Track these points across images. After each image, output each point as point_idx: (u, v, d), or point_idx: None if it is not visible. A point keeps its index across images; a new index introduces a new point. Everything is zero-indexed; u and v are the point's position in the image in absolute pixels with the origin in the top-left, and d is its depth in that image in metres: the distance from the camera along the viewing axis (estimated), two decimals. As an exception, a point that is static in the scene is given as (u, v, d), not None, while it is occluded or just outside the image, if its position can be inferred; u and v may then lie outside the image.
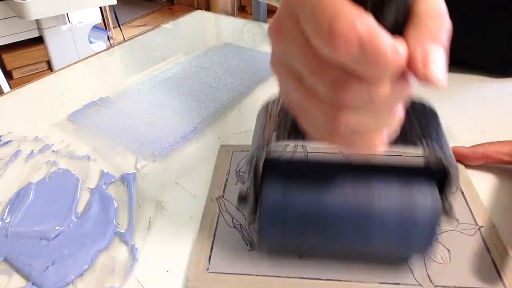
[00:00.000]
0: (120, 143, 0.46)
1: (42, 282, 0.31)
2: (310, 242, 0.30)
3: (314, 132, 0.23)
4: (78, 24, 1.81)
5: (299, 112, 0.24)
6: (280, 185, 0.28)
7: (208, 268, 0.31)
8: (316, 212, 0.28)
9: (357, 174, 0.28)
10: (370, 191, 0.28)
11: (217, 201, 0.37)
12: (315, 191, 0.28)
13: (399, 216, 0.27)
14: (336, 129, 0.21)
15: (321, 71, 0.20)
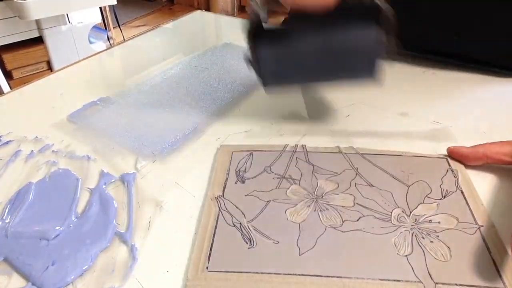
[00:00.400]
0: (120, 143, 0.46)
1: (42, 282, 0.31)
2: (294, 76, 0.44)
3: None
4: (78, 24, 1.81)
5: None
6: (268, 47, 0.42)
7: (207, 267, 0.31)
8: (294, 57, 0.42)
9: (319, 28, 0.40)
10: (328, 37, 0.40)
11: (216, 200, 0.37)
12: (292, 45, 0.41)
13: (346, 48, 0.40)
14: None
15: None
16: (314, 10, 0.33)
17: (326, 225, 0.35)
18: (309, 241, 0.33)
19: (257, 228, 0.34)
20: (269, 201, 0.37)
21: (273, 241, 0.33)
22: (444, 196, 0.37)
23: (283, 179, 0.40)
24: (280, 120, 0.50)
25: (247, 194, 0.38)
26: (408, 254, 0.32)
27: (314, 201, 0.37)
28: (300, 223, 0.35)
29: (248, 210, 0.36)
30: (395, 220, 0.35)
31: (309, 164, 0.41)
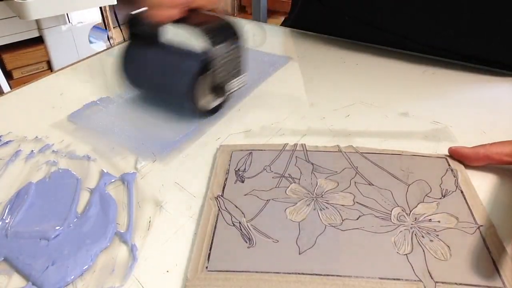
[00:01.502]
0: (120, 143, 0.46)
1: (42, 282, 0.31)
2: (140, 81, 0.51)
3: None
4: (78, 24, 1.81)
5: None
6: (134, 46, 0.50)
7: (207, 266, 0.31)
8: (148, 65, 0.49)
9: (169, 53, 0.49)
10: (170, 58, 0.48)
11: (216, 200, 0.37)
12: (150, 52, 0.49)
13: (178, 69, 0.46)
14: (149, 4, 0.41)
15: None
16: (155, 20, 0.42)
17: (325, 223, 0.35)
18: (308, 240, 0.33)
19: (257, 227, 0.34)
20: (269, 200, 0.37)
21: (273, 240, 0.33)
22: (444, 195, 0.37)
23: (283, 178, 0.40)
24: (280, 120, 0.50)
25: (246, 193, 0.38)
26: (408, 253, 0.32)
27: (314, 200, 0.37)
28: (299, 222, 0.35)
29: (248, 209, 0.36)
30: (395, 219, 0.35)
31: (309, 163, 0.41)
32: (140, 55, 0.49)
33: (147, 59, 0.48)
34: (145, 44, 0.48)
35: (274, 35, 0.77)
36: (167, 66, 0.47)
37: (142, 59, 0.49)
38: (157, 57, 0.48)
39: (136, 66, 0.49)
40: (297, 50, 0.69)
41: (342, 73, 0.61)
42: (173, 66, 0.47)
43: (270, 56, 0.66)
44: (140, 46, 0.49)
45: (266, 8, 1.51)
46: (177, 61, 0.47)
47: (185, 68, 0.45)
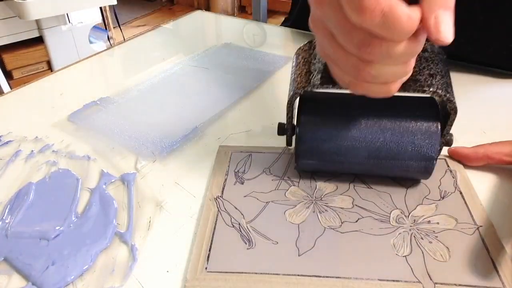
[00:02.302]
0: (120, 143, 0.46)
1: (42, 282, 0.31)
2: (336, 161, 0.37)
3: (342, 79, 0.30)
4: (78, 24, 1.81)
5: (331, 63, 0.30)
6: (314, 119, 0.36)
7: (206, 267, 0.31)
8: (340, 141, 0.36)
9: (374, 104, 0.35)
10: (381, 124, 0.35)
11: (216, 201, 0.37)
12: (341, 124, 0.36)
13: (406, 137, 0.35)
14: (361, 78, 0.28)
15: (351, 33, 0.25)
16: (375, 96, 0.29)
17: (325, 226, 0.35)
18: (308, 242, 0.33)
19: (256, 229, 0.35)
20: (268, 202, 0.37)
21: (272, 241, 0.33)
22: (442, 197, 0.37)
23: (282, 181, 0.40)
24: (280, 120, 0.50)
25: (246, 195, 0.38)
26: (407, 254, 0.32)
27: (313, 202, 0.37)
28: (299, 224, 0.35)
29: (247, 211, 0.36)
30: (394, 221, 0.35)
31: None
32: (334, 126, 0.36)
33: (346, 133, 0.35)
34: (325, 114, 0.36)
35: (274, 35, 0.77)
36: (387, 131, 0.35)
37: (337, 133, 0.36)
38: (364, 127, 0.35)
39: (326, 145, 0.36)
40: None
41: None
42: (396, 129, 0.35)
43: (270, 56, 0.66)
44: (318, 118, 0.36)
45: (266, 8, 1.51)
46: (399, 121, 0.35)
47: (419, 125, 0.35)
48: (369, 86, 0.29)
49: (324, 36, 0.28)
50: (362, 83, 0.29)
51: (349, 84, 0.30)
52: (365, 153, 0.35)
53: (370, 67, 0.27)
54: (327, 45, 0.28)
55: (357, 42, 0.25)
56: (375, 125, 0.35)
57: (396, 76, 0.28)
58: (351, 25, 0.25)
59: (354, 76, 0.28)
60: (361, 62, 0.27)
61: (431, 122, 0.35)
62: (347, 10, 0.24)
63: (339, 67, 0.29)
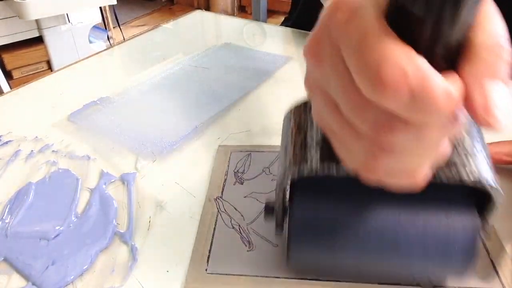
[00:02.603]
0: (120, 143, 0.46)
1: (42, 282, 0.31)
2: (338, 260, 0.28)
3: (349, 161, 0.22)
4: (78, 24, 1.81)
5: (333, 138, 0.22)
6: (311, 203, 0.27)
7: (206, 269, 0.31)
8: (346, 232, 0.26)
9: (390, 194, 0.24)
10: (404, 214, 0.26)
11: (215, 201, 0.37)
12: (346, 211, 0.26)
13: (435, 237, 0.26)
14: (375, 166, 0.20)
15: (363, 109, 0.18)
16: (398, 190, 0.21)
17: None
18: None
19: (256, 231, 0.34)
20: None
21: (272, 244, 0.33)
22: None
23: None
24: (280, 120, 0.50)
25: (246, 195, 0.38)
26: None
27: None
28: None
29: (247, 212, 0.36)
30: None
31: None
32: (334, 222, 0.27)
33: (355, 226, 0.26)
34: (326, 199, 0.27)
35: (274, 35, 0.77)
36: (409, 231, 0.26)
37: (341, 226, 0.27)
38: (380, 221, 0.26)
39: (327, 241, 0.27)
40: (297, 50, 0.69)
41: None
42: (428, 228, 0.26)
43: (270, 56, 0.66)
44: (316, 204, 0.27)
45: (266, 8, 1.51)
46: (424, 210, 0.26)
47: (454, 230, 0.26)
48: (387, 176, 0.20)
49: (324, 104, 0.20)
50: (377, 171, 0.20)
51: (358, 168, 0.21)
52: (379, 251, 0.26)
53: (390, 157, 0.19)
54: (328, 116, 0.21)
55: (372, 122, 0.18)
56: (392, 213, 0.26)
57: (425, 164, 0.20)
58: (363, 98, 0.17)
59: (365, 163, 0.20)
60: (376, 147, 0.19)
61: (467, 212, 0.26)
62: (360, 81, 0.17)
63: (344, 146, 0.21)
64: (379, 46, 0.16)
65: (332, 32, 0.18)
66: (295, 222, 0.27)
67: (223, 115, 0.51)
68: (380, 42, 0.16)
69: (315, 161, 0.24)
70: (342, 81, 0.18)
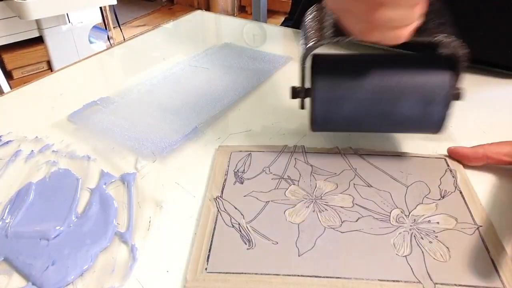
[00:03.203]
0: (120, 143, 0.46)
1: (42, 282, 0.31)
2: (351, 120, 0.38)
3: (355, 28, 0.31)
4: (78, 24, 1.81)
5: (343, 13, 0.32)
6: (328, 78, 0.37)
7: (206, 268, 0.31)
8: (355, 96, 0.37)
9: (387, 64, 0.37)
10: (396, 77, 0.36)
11: (215, 201, 0.37)
12: (355, 81, 0.37)
13: (418, 88, 0.36)
14: (373, 23, 0.29)
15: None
16: (386, 44, 0.31)
17: (325, 225, 0.35)
18: (308, 242, 0.33)
19: (256, 229, 0.35)
20: (268, 201, 0.37)
21: (272, 242, 0.33)
22: (442, 196, 0.37)
23: (282, 180, 0.40)
24: (280, 120, 0.50)
25: (246, 194, 0.38)
26: (407, 254, 0.32)
27: (313, 201, 0.37)
28: (299, 223, 0.35)
29: (247, 211, 0.36)
30: (394, 220, 0.35)
31: (308, 164, 0.41)
32: (344, 89, 0.37)
33: (360, 89, 0.37)
34: (338, 74, 0.37)
35: (274, 35, 0.77)
36: (403, 88, 0.36)
37: (350, 91, 0.37)
38: (378, 82, 0.37)
39: (342, 105, 0.38)
40: (297, 50, 0.69)
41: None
42: (413, 84, 0.36)
43: (270, 56, 0.66)
44: (332, 78, 0.37)
45: (266, 8, 1.51)
46: (414, 77, 0.36)
47: (431, 75, 0.36)
48: (381, 32, 0.30)
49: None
50: (374, 30, 0.30)
51: (361, 31, 0.31)
52: (380, 106, 0.37)
53: (381, 11, 0.28)
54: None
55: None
56: (389, 78, 0.36)
57: (406, 20, 0.29)
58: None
59: (367, 22, 0.29)
60: (371, 6, 0.28)
61: (441, 73, 0.36)
62: None
63: (351, 15, 0.31)
64: None
65: None
66: (317, 94, 0.37)
67: (223, 115, 0.51)
68: None
69: (329, 34, 0.34)
70: None
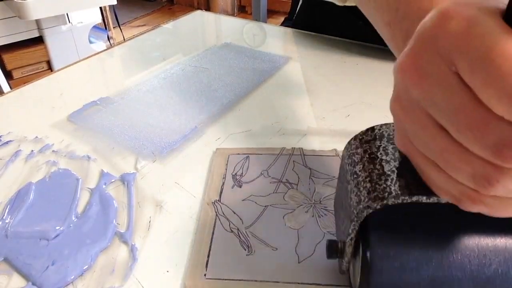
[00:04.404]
0: (120, 143, 0.46)
1: (42, 282, 0.31)
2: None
3: (448, 190, 0.20)
4: (78, 24, 1.81)
5: (428, 165, 0.20)
6: (391, 238, 0.24)
7: (205, 274, 0.31)
8: (432, 271, 0.23)
9: (475, 220, 0.22)
10: (491, 243, 0.23)
11: (213, 205, 0.37)
12: (431, 246, 0.24)
13: None
14: (486, 191, 0.18)
15: (484, 127, 0.16)
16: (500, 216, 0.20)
17: (324, 231, 0.34)
18: (308, 248, 0.33)
19: (255, 234, 0.34)
20: (267, 206, 0.37)
21: (272, 248, 0.33)
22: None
23: (280, 183, 0.39)
24: (280, 120, 0.50)
25: (244, 198, 0.38)
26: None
27: (312, 206, 0.37)
28: (298, 229, 0.35)
29: (246, 216, 0.36)
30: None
31: (306, 168, 0.41)
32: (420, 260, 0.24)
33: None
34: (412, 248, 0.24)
35: (274, 35, 0.77)
36: None
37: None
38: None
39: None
40: (297, 50, 0.69)
41: (342, 73, 0.61)
42: None
43: (270, 56, 0.66)
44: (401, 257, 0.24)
45: (266, 8, 1.51)
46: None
47: None
48: (497, 203, 0.19)
49: (422, 127, 0.19)
50: (485, 198, 0.19)
51: (460, 198, 0.20)
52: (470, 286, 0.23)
53: (508, 177, 0.17)
54: (428, 140, 0.19)
55: (495, 141, 0.16)
56: (482, 244, 0.23)
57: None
58: (484, 115, 0.16)
59: (476, 187, 0.18)
60: (493, 169, 0.17)
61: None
62: (490, 96, 0.16)
63: (444, 172, 0.19)
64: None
65: (443, 45, 0.17)
66: (375, 261, 0.24)
67: (223, 115, 0.51)
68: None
69: (401, 190, 0.22)
70: (457, 98, 0.17)
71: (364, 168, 0.24)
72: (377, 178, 0.23)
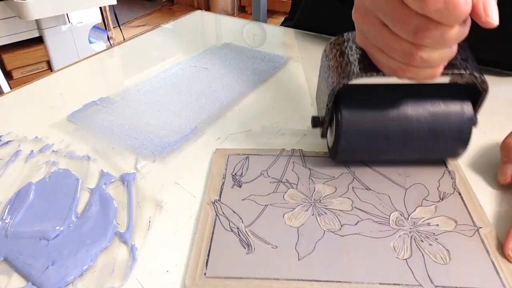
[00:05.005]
0: (120, 143, 0.46)
1: (42, 282, 0.31)
2: (376, 151, 0.38)
3: (389, 66, 0.31)
4: (78, 24, 1.81)
5: (377, 52, 0.32)
6: (355, 112, 0.37)
7: (205, 273, 0.31)
8: (384, 129, 0.37)
9: (408, 94, 0.37)
10: (417, 107, 0.37)
11: (213, 205, 0.37)
12: (384, 113, 0.37)
13: (438, 118, 0.36)
14: (410, 63, 0.30)
15: (406, 19, 0.27)
16: (421, 80, 0.32)
17: (324, 229, 0.34)
18: (307, 246, 0.33)
19: (255, 233, 0.34)
20: (267, 205, 0.37)
21: (272, 246, 0.33)
22: (441, 198, 0.37)
23: (280, 183, 0.39)
24: (280, 120, 0.50)
25: (244, 198, 0.38)
26: (408, 257, 0.32)
27: (312, 205, 0.37)
28: (298, 227, 0.35)
29: (246, 215, 0.36)
30: (393, 223, 0.35)
31: (306, 168, 0.41)
32: (371, 123, 0.37)
33: (385, 124, 0.37)
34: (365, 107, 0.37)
35: (274, 35, 0.77)
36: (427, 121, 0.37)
37: (376, 125, 0.37)
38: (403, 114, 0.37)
39: (366, 139, 0.37)
40: (297, 50, 0.69)
41: (342, 74, 0.61)
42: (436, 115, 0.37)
43: (270, 56, 0.66)
44: (359, 111, 0.37)
45: (266, 8, 1.51)
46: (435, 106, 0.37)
47: (454, 108, 0.37)
48: (417, 70, 0.30)
49: (373, 25, 0.30)
50: (411, 68, 0.30)
51: (396, 70, 0.31)
52: (404, 140, 0.37)
53: (423, 51, 0.28)
54: (376, 34, 0.30)
55: (413, 28, 0.27)
56: (413, 111, 0.36)
57: (444, 59, 0.30)
58: (406, 12, 0.27)
59: (404, 61, 0.30)
60: (413, 47, 0.28)
61: (464, 104, 0.37)
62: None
63: (387, 54, 0.31)
64: None
65: None
66: (344, 128, 0.37)
67: (223, 115, 0.51)
68: None
69: (360, 70, 0.34)
70: (390, 4, 0.28)
71: (337, 61, 0.36)
72: (345, 65, 0.35)
